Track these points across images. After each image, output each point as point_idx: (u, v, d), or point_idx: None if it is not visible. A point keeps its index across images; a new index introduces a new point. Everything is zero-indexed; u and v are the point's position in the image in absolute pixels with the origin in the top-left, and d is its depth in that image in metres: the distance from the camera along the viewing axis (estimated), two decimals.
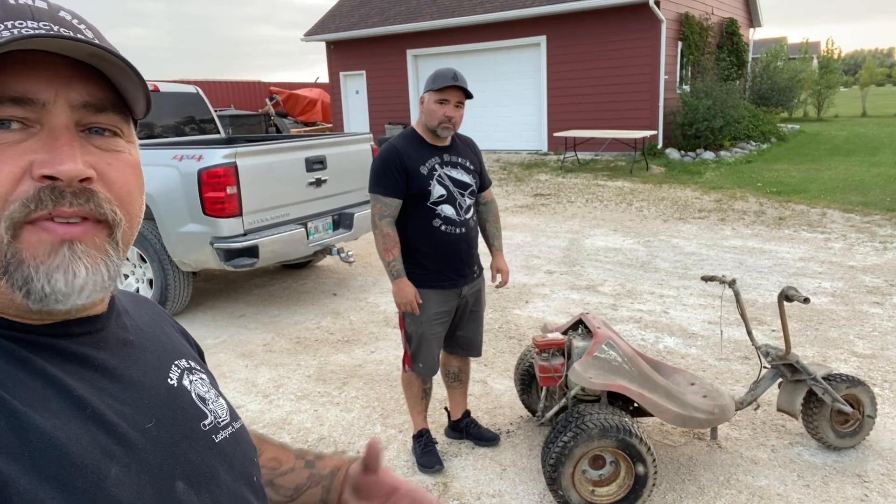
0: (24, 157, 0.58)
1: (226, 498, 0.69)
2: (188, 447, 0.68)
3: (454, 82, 2.59)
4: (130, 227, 0.66)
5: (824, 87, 24.03)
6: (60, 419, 0.57)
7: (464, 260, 2.80)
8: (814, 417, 2.89)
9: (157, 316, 0.84)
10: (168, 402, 0.69)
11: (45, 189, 0.57)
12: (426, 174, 2.68)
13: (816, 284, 5.30)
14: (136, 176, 0.67)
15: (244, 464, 0.76)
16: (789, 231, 7.19)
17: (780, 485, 2.74)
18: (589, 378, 2.57)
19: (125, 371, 0.67)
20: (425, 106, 2.68)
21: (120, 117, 0.65)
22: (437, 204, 2.70)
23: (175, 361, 0.76)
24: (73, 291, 0.59)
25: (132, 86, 0.64)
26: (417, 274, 2.74)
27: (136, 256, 5.01)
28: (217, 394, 0.79)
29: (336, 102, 18.34)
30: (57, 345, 0.63)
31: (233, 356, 4.32)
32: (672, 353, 4.10)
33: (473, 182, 2.82)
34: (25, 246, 0.58)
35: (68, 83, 0.60)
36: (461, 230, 2.76)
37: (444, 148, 2.76)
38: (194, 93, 6.68)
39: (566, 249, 6.78)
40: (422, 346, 2.81)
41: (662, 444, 3.03)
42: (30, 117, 0.58)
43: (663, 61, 13.13)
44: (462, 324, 2.97)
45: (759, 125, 15.59)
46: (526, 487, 2.78)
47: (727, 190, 9.69)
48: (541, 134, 14.88)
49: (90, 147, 0.62)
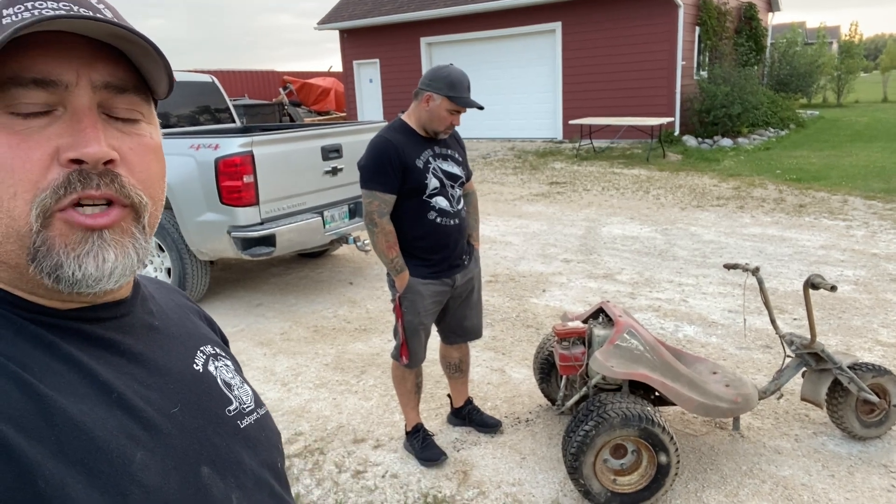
0: (50, 143, 0.57)
1: (250, 483, 0.69)
2: (213, 432, 0.68)
3: (474, 102, 2.62)
4: (155, 210, 0.66)
5: (844, 73, 23.60)
6: (86, 404, 0.57)
7: (457, 251, 2.80)
8: (839, 407, 2.85)
9: (182, 302, 0.84)
10: (194, 388, 0.70)
11: (73, 174, 0.57)
12: (422, 167, 2.65)
13: (839, 272, 5.22)
14: (157, 160, 0.66)
15: (269, 449, 0.76)
16: (810, 218, 7.08)
17: (805, 475, 2.70)
18: (611, 367, 2.54)
19: (151, 356, 0.67)
20: (433, 109, 2.62)
21: (141, 98, 0.64)
22: (432, 197, 2.68)
23: (200, 347, 0.76)
24: (104, 276, 0.60)
25: (154, 65, 0.63)
26: (414, 266, 2.73)
27: (154, 246, 5.03)
28: (242, 380, 0.79)
29: (350, 91, 18.30)
30: (83, 329, 0.63)
31: (251, 345, 4.34)
32: (692, 341, 4.06)
33: (462, 174, 2.81)
34: (56, 234, 0.58)
35: (90, 64, 0.60)
36: (455, 221, 2.75)
37: (435, 140, 2.74)
38: (210, 82, 6.68)
39: (583, 238, 6.73)
40: (414, 337, 2.80)
41: (684, 434, 3.00)
42: (52, 100, 0.58)
43: (680, 47, 12.94)
44: (461, 312, 2.96)
45: (778, 111, 15.35)
46: (546, 476, 2.76)
47: (746, 177, 9.57)
48: (556, 122, 14.76)
49: (112, 130, 0.61)
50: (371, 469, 2.88)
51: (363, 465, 2.91)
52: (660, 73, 13.16)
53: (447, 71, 2.62)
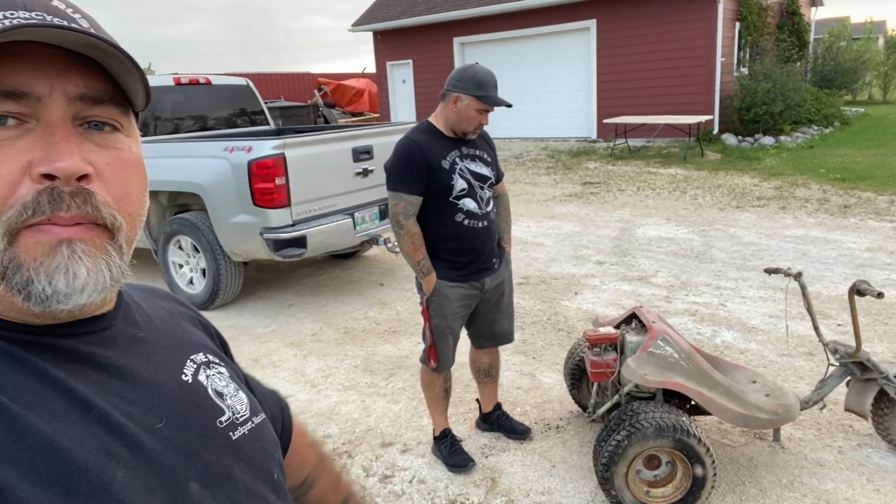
0: (21, 157, 0.55)
1: (243, 497, 0.67)
2: (202, 446, 0.65)
3: (502, 100, 2.59)
4: (132, 228, 0.63)
5: (891, 68, 22.80)
6: (63, 422, 0.55)
7: (486, 253, 2.75)
8: (885, 418, 2.73)
9: (174, 309, 0.81)
10: (181, 400, 0.67)
11: (44, 192, 0.55)
12: (448, 168, 2.62)
13: (885, 276, 5.01)
14: (136, 174, 0.63)
15: (264, 460, 0.73)
16: (855, 220, 6.83)
17: (848, 488, 2.59)
18: (644, 375, 2.47)
19: (134, 369, 0.65)
20: (461, 109, 2.59)
21: (119, 110, 0.62)
22: (459, 198, 2.64)
23: (191, 356, 0.73)
24: (75, 291, 0.57)
25: (130, 77, 0.60)
26: (441, 269, 2.70)
27: (189, 247, 5.11)
28: (237, 387, 0.76)
29: (383, 92, 18.38)
30: (60, 345, 0.60)
31: (282, 345, 4.37)
32: (730, 348, 3.94)
33: (491, 174, 2.77)
34: (23, 249, 0.55)
35: (64, 75, 0.57)
36: (483, 223, 2.70)
37: (463, 141, 2.70)
38: (245, 85, 6.77)
39: (616, 239, 6.62)
40: (441, 341, 2.76)
41: (721, 444, 2.91)
42: (24, 112, 0.55)
43: (720, 43, 12.65)
44: (491, 316, 2.91)
45: (822, 108, 14.89)
46: (577, 486, 2.70)
47: (788, 177, 9.29)
48: (590, 121, 14.58)
49: (88, 144, 0.59)
50: (398, 474, 2.86)
51: (391, 470, 2.89)
52: (698, 70, 12.88)
53: (473, 70, 2.58)
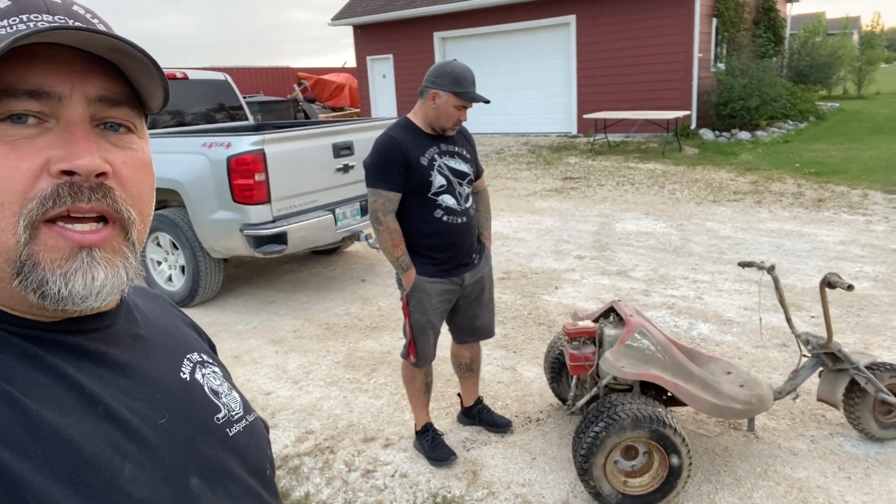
0: (40, 154, 0.57)
1: (239, 492, 0.69)
2: (202, 442, 0.67)
3: (480, 96, 2.59)
4: (143, 226, 0.65)
5: (865, 64, 23.19)
6: (73, 416, 0.56)
7: (465, 249, 2.77)
8: (856, 407, 2.80)
9: (167, 310, 0.83)
10: (181, 397, 0.69)
11: (64, 185, 0.57)
12: (426, 165, 2.63)
13: (858, 268, 5.12)
14: (148, 175, 0.66)
15: (258, 457, 0.75)
16: (829, 213, 6.97)
17: (820, 476, 2.66)
18: (621, 367, 2.51)
19: (137, 366, 0.67)
20: (439, 105, 2.60)
21: (134, 112, 0.64)
22: (438, 194, 2.66)
23: (187, 355, 0.75)
24: (91, 294, 0.59)
25: (150, 79, 0.62)
26: (421, 265, 2.71)
27: (168, 243, 5.07)
28: (230, 387, 0.78)
29: (363, 87, 18.31)
30: (68, 341, 0.62)
31: (263, 342, 4.36)
32: (706, 340, 4.01)
33: (471, 171, 2.78)
34: (43, 249, 0.57)
35: (84, 77, 0.59)
36: (462, 219, 2.72)
37: (442, 138, 2.71)
38: (223, 80, 6.71)
39: (596, 234, 6.68)
40: (422, 336, 2.78)
41: (697, 434, 2.96)
42: (45, 111, 0.57)
43: (697, 39, 12.77)
44: (472, 311, 2.94)
45: (797, 104, 15.12)
46: (556, 477, 2.74)
47: (764, 171, 9.44)
48: (570, 116, 14.65)
49: (105, 143, 0.61)
50: (381, 468, 2.88)
51: (373, 465, 2.91)
52: (676, 65, 13.00)
53: (451, 67, 2.60)
